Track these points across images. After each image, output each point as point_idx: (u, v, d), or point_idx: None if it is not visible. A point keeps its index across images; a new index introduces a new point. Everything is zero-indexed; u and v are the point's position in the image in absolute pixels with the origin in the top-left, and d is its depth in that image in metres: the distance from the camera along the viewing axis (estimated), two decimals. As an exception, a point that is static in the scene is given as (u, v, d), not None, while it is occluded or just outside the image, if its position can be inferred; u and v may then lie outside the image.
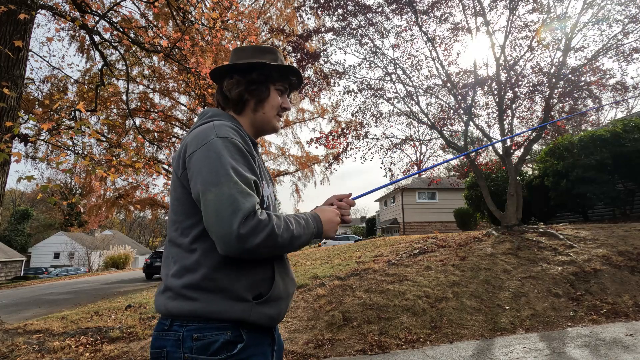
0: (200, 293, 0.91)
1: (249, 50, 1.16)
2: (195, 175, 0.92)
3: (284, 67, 1.15)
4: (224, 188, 0.87)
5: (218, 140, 0.94)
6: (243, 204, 0.86)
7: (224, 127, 0.98)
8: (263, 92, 1.13)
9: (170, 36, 6.88)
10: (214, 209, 0.86)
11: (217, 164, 0.90)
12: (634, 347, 3.24)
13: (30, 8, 4.76)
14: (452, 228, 20.44)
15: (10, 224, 38.09)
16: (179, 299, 0.92)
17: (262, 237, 0.86)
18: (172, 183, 1.02)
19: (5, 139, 3.94)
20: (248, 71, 1.12)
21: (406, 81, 8.87)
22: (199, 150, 0.94)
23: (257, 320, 0.94)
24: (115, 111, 13.14)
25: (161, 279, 1.03)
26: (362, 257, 7.28)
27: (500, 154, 8.25)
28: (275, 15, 15.24)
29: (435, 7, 8.28)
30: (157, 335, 0.94)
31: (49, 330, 4.62)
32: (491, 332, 3.85)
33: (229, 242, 0.84)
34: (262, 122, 1.16)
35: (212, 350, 0.88)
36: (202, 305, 0.90)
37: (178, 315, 0.92)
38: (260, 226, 0.86)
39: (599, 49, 7.36)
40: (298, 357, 3.50)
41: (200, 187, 0.90)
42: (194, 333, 0.89)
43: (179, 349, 0.89)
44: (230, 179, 0.88)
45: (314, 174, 18.12)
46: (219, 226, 0.85)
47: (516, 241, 6.49)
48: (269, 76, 1.13)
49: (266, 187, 1.07)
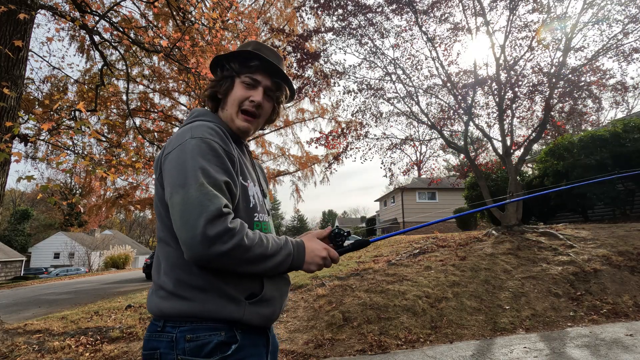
0: (193, 292, 0.89)
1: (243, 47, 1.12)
2: (166, 177, 0.91)
3: (236, 54, 1.07)
4: (191, 190, 0.84)
5: (192, 141, 0.91)
6: (207, 206, 0.82)
7: (201, 127, 0.95)
8: (227, 87, 1.07)
9: (170, 36, 6.88)
10: (178, 212, 0.84)
11: (186, 166, 0.88)
12: (634, 347, 3.24)
13: (30, 8, 4.76)
14: (452, 228, 20.44)
15: (10, 224, 38.09)
16: (172, 298, 0.90)
17: (230, 245, 0.82)
18: (155, 184, 0.99)
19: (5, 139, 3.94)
20: (219, 66, 1.10)
21: (406, 81, 8.87)
22: (173, 151, 0.92)
23: (251, 320, 0.92)
24: (115, 111, 13.13)
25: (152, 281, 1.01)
26: (362, 257, 7.28)
27: (500, 154, 8.25)
28: (275, 15, 15.24)
29: (435, 7, 8.28)
30: (150, 336, 0.92)
31: (49, 330, 4.62)
32: (491, 332, 3.85)
33: (193, 246, 0.81)
34: (227, 121, 1.08)
35: (205, 352, 0.86)
36: (196, 305, 0.88)
37: (171, 315, 0.90)
38: (229, 233, 0.82)
39: (599, 49, 7.36)
40: (298, 357, 3.50)
41: (168, 189, 0.89)
42: (187, 334, 0.87)
43: (173, 350, 0.87)
44: (197, 181, 0.85)
45: (314, 174, 18.13)
46: (184, 229, 0.82)
47: (516, 241, 6.49)
48: (231, 69, 1.07)
49: (252, 186, 1.03)
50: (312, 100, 15.67)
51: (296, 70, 8.97)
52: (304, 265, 0.97)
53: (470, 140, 10.22)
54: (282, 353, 3.58)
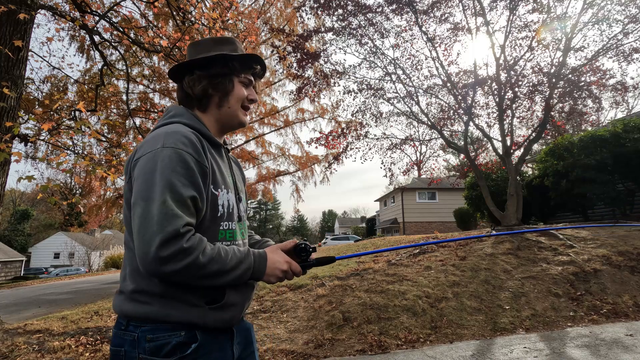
0: (152, 298, 0.90)
1: (207, 43, 1.11)
2: (134, 184, 0.90)
3: (247, 56, 1.11)
4: (153, 206, 0.84)
5: (164, 151, 0.89)
6: (165, 227, 0.81)
7: (175, 135, 0.93)
8: (227, 85, 1.08)
9: (170, 36, 6.87)
10: (137, 225, 0.84)
11: (154, 177, 0.87)
12: (634, 347, 3.24)
13: (30, 8, 4.76)
14: (452, 228, 20.44)
15: (10, 224, 38.10)
16: (132, 301, 0.92)
17: (183, 265, 0.82)
18: (124, 187, 0.99)
19: (5, 139, 3.94)
20: (209, 65, 1.07)
21: (406, 81, 8.88)
22: (143, 157, 0.91)
23: (212, 324, 0.93)
24: (115, 111, 13.14)
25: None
26: (362, 257, 7.28)
27: (501, 154, 8.25)
28: (276, 15, 15.23)
29: (435, 7, 8.29)
30: (116, 333, 0.94)
31: (49, 330, 4.62)
32: (491, 332, 3.85)
33: (146, 263, 0.82)
34: (228, 117, 1.11)
35: (165, 352, 0.87)
36: (155, 309, 0.90)
37: (132, 316, 0.91)
38: (183, 253, 0.82)
39: (599, 49, 7.37)
40: (298, 357, 3.50)
41: (132, 199, 0.89)
42: (147, 334, 0.89)
43: (135, 349, 0.89)
44: (161, 196, 0.84)
45: (314, 174, 18.10)
46: (139, 243, 0.83)
47: (516, 241, 6.49)
48: (232, 68, 1.08)
49: (224, 193, 1.01)
50: (312, 100, 15.64)
51: (296, 70, 8.97)
52: (263, 277, 0.98)
53: (470, 140, 10.23)
54: (282, 353, 3.58)
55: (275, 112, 17.09)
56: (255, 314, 4.68)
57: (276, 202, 71.47)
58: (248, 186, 17.41)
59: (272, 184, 17.72)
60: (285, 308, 4.78)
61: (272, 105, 17.05)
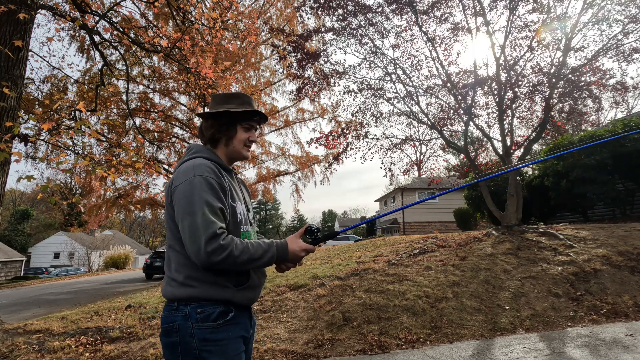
0: (197, 282, 1.25)
1: (220, 97, 1.48)
2: (176, 204, 1.26)
3: (247, 112, 1.45)
4: (196, 217, 1.19)
5: (196, 178, 1.25)
6: (207, 230, 1.17)
7: (201, 167, 1.28)
8: (231, 131, 1.45)
9: (170, 36, 6.86)
10: (188, 232, 1.19)
11: (192, 198, 1.22)
12: (634, 347, 3.24)
13: (30, 8, 4.76)
14: (452, 228, 20.43)
15: (10, 224, 38.07)
16: (182, 287, 1.26)
17: (223, 256, 1.17)
18: (166, 205, 1.34)
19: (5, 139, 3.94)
20: (219, 115, 1.44)
21: (406, 81, 8.86)
22: (181, 185, 1.26)
23: (240, 300, 1.31)
24: (115, 111, 13.13)
25: (165, 275, 1.36)
26: (362, 257, 7.28)
27: (501, 154, 8.24)
28: (275, 15, 15.23)
29: (435, 7, 8.28)
30: (168, 314, 1.26)
31: (49, 330, 4.62)
32: (491, 332, 3.85)
33: (199, 257, 1.17)
34: (233, 153, 1.48)
35: (212, 318, 1.24)
36: (200, 291, 1.25)
37: (183, 298, 1.25)
38: (222, 248, 1.17)
39: (599, 49, 7.36)
40: (298, 357, 3.50)
41: (179, 215, 1.24)
42: (197, 309, 1.23)
43: (188, 321, 1.22)
44: (200, 210, 1.20)
45: (314, 174, 18.09)
46: (192, 245, 1.18)
47: (516, 241, 6.49)
48: (235, 118, 1.44)
49: (239, 204, 1.39)
50: (312, 100, 15.64)
51: (296, 70, 8.96)
52: (287, 261, 1.35)
53: (470, 140, 10.22)
54: (282, 353, 3.58)
55: (275, 112, 17.09)
56: (255, 313, 4.68)
57: (276, 202, 71.43)
58: (248, 186, 17.31)
59: (272, 184, 17.72)
60: (285, 308, 4.78)
61: (272, 105, 17.05)
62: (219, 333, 1.24)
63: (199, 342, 1.21)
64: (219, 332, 1.24)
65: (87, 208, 16.26)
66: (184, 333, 1.22)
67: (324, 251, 11.13)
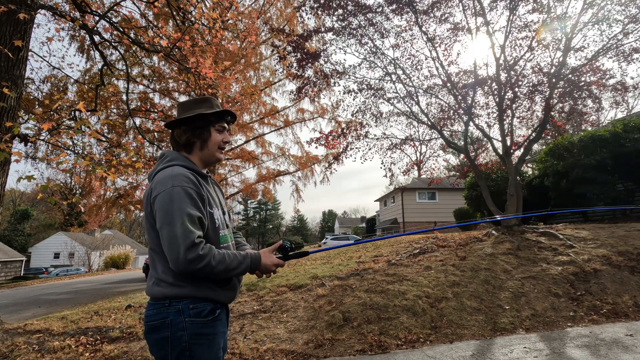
0: (187, 282, 1.32)
1: (190, 103, 1.51)
2: (157, 213, 1.30)
3: (219, 112, 1.50)
4: (175, 227, 1.24)
5: (175, 189, 1.29)
6: (186, 239, 1.22)
7: (179, 177, 1.32)
8: (205, 134, 1.48)
9: (170, 36, 6.86)
10: (167, 241, 1.24)
11: (171, 208, 1.26)
12: (634, 347, 3.24)
13: (30, 8, 4.76)
14: (452, 228, 20.42)
15: (10, 224, 38.07)
16: (172, 286, 1.31)
17: (201, 265, 1.24)
18: (145, 214, 1.37)
19: (5, 139, 3.94)
20: (191, 120, 1.47)
21: (406, 81, 8.86)
22: (160, 194, 1.29)
23: (223, 299, 1.42)
24: (115, 111, 13.12)
25: (150, 274, 1.40)
26: (362, 257, 7.28)
27: (501, 154, 8.24)
28: (276, 15, 15.23)
29: (435, 7, 8.28)
30: (158, 310, 1.31)
31: (49, 330, 4.62)
32: (491, 332, 3.85)
33: (178, 265, 1.23)
34: (208, 157, 1.52)
35: (204, 314, 1.32)
36: (190, 290, 1.32)
37: (174, 296, 1.31)
38: (200, 258, 1.23)
39: (599, 49, 7.35)
40: (298, 357, 3.50)
41: (158, 224, 1.28)
42: (189, 304, 1.31)
43: (180, 316, 1.29)
44: (180, 219, 1.24)
45: (314, 174, 18.08)
46: (171, 253, 1.23)
47: (516, 241, 6.49)
48: (208, 121, 1.48)
49: (216, 210, 1.44)
50: (312, 100, 15.65)
51: (296, 70, 8.96)
52: (259, 270, 1.44)
53: (470, 140, 10.22)
54: (282, 353, 3.58)
55: (275, 112, 17.09)
56: (255, 314, 4.68)
57: (276, 202, 71.38)
58: (248, 186, 17.43)
59: (272, 184, 17.70)
60: (285, 308, 4.78)
61: (272, 105, 17.05)
62: (208, 328, 1.33)
63: (190, 337, 1.28)
64: (208, 327, 1.33)
65: (87, 208, 16.25)
66: (175, 328, 1.28)
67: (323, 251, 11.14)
